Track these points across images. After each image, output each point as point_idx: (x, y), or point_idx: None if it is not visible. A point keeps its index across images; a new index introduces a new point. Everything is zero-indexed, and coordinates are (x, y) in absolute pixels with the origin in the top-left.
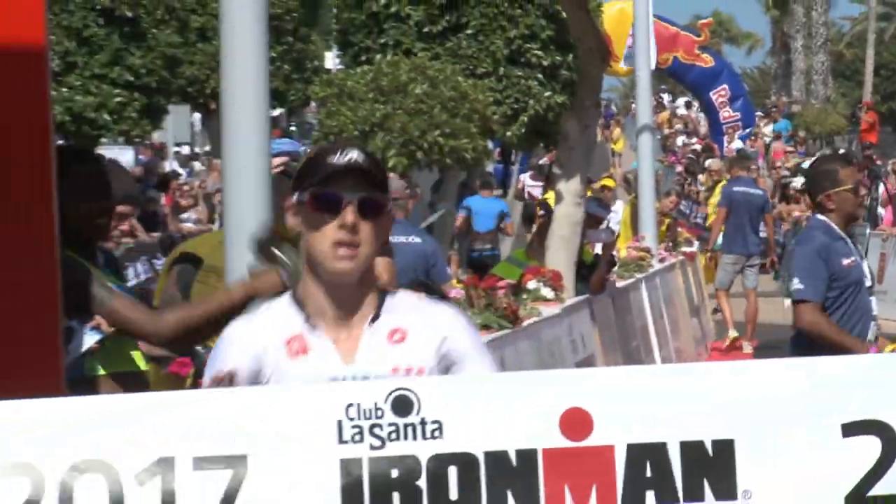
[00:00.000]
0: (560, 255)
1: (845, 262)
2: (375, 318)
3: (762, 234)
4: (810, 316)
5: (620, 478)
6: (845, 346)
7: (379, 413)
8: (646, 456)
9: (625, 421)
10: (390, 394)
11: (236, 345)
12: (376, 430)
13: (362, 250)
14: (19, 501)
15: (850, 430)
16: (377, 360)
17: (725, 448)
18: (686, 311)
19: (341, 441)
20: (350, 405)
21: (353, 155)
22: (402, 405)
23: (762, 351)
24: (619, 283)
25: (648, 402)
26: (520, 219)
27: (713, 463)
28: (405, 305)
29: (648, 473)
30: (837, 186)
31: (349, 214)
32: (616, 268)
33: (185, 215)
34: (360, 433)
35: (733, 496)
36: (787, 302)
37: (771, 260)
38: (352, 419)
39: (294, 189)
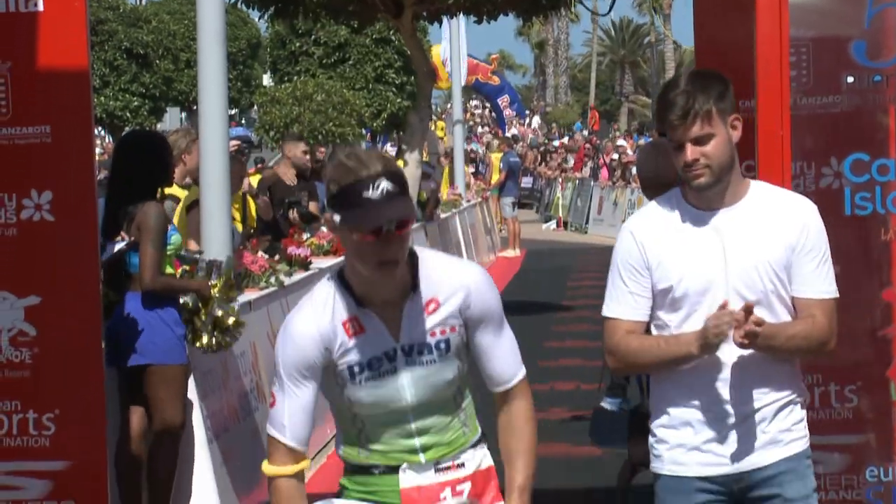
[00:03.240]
0: None
1: None
2: (414, 287)
3: (523, 185)
4: None
5: None
6: None
7: None
8: None
9: None
10: None
11: (308, 340)
12: None
13: (401, 259)
14: None
15: None
16: (419, 331)
17: None
18: (483, 232)
19: None
20: None
21: (384, 185)
22: None
23: (527, 256)
24: (442, 215)
25: None
26: None
27: None
28: (437, 272)
29: None
30: None
31: (389, 239)
32: (440, 205)
33: None
34: None
35: None
36: (544, 226)
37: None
38: None
39: (331, 207)
